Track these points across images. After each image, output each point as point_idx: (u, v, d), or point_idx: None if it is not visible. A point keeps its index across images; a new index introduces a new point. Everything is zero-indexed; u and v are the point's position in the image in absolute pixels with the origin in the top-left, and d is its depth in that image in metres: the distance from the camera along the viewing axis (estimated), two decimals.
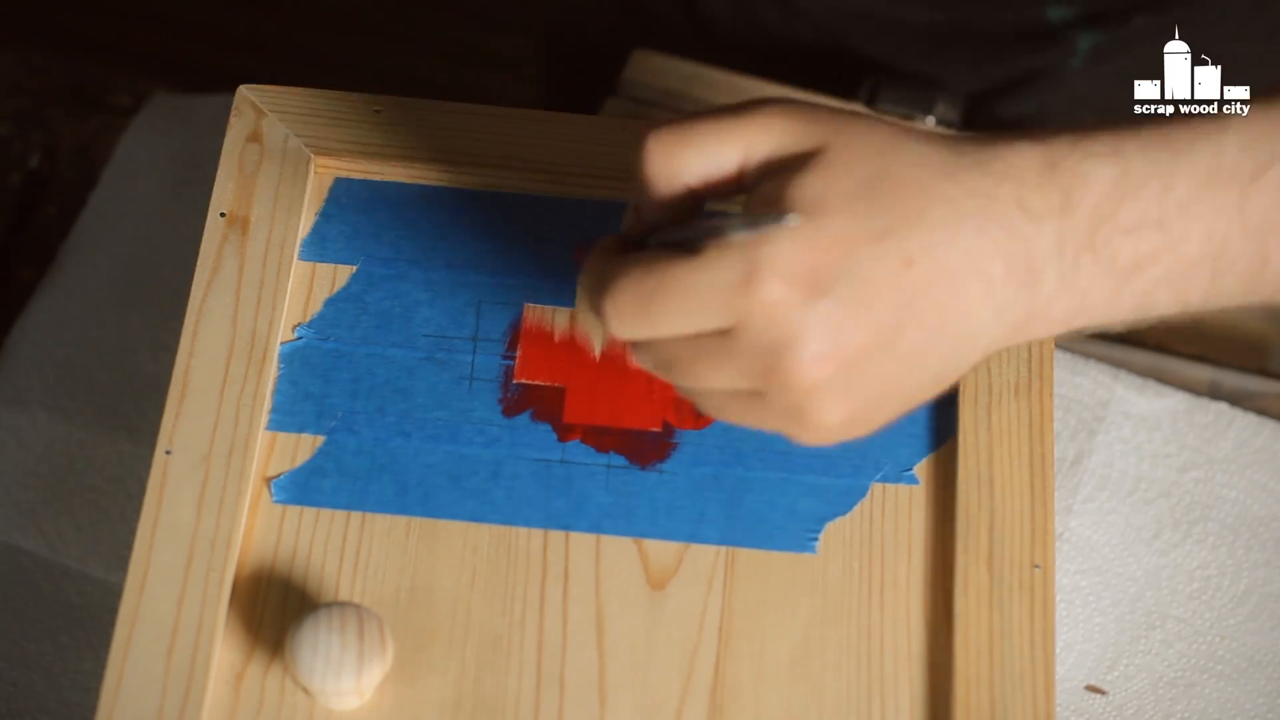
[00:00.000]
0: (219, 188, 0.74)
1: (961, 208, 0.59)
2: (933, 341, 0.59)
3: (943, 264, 0.58)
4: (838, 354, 0.58)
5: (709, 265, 0.58)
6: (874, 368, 0.59)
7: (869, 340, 0.58)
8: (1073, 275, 0.60)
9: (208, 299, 0.72)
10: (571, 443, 0.71)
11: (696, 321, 0.59)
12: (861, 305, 0.58)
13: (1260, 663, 0.84)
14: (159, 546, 0.67)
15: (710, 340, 0.59)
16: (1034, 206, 0.59)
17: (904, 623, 0.68)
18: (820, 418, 0.59)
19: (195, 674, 0.65)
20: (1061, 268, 0.59)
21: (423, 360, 0.72)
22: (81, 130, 1.01)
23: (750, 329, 0.58)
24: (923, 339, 0.59)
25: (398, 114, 0.76)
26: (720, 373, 0.60)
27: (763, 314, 0.58)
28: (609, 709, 0.66)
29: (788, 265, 0.58)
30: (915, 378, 0.60)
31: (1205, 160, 0.60)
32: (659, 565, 0.69)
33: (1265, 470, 0.88)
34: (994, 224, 0.59)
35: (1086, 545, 0.86)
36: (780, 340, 0.58)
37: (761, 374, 0.59)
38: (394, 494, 0.70)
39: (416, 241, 0.75)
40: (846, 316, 0.58)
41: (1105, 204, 0.59)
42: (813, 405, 0.59)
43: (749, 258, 0.58)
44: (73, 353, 0.91)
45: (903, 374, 0.60)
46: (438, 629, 0.67)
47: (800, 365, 0.58)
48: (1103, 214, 0.59)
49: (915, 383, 0.60)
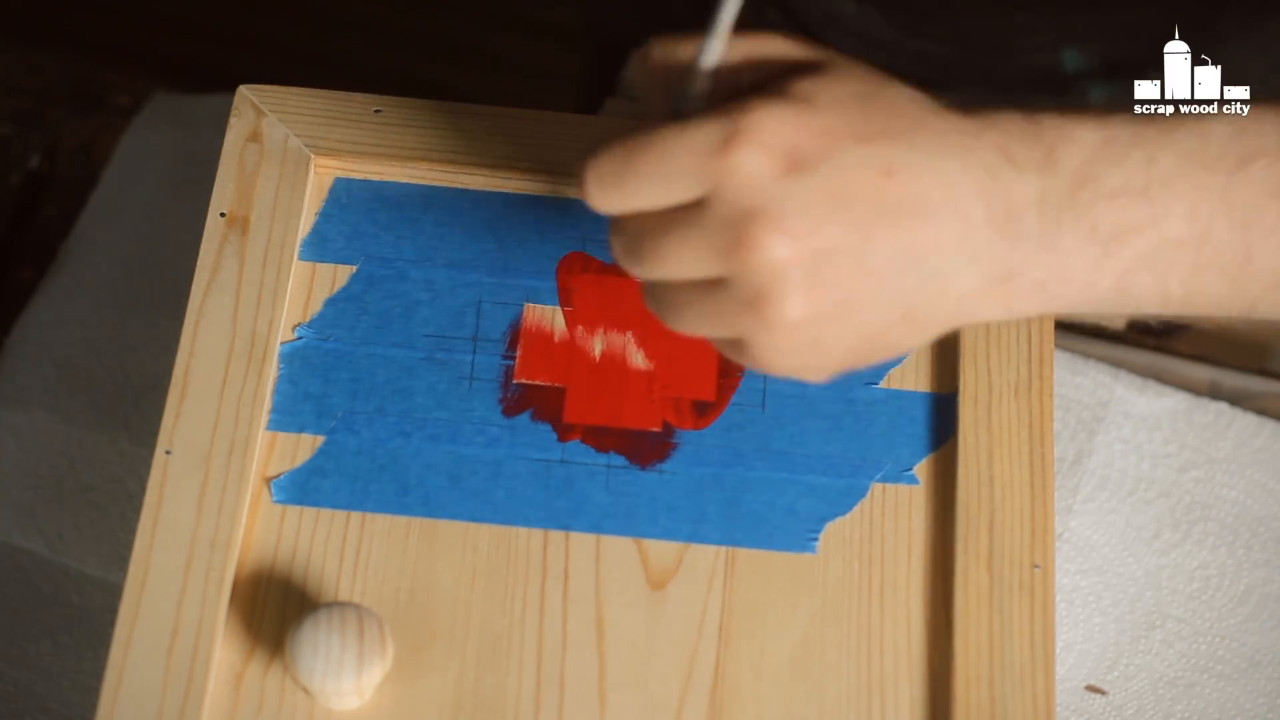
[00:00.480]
0: (219, 188, 0.74)
1: (946, 141, 0.58)
2: (903, 263, 0.58)
3: (923, 186, 0.58)
4: (806, 239, 0.57)
5: (689, 128, 0.57)
6: (841, 270, 0.57)
7: (839, 237, 0.57)
8: (1054, 233, 0.59)
9: (208, 299, 0.72)
10: (571, 443, 0.71)
11: (672, 187, 0.58)
12: (837, 198, 0.57)
13: (1260, 663, 0.84)
14: (159, 546, 0.67)
15: (681, 212, 0.58)
16: (1018, 156, 0.59)
17: (904, 623, 0.68)
18: (780, 309, 0.57)
19: (195, 674, 0.65)
20: (1043, 223, 0.59)
21: (423, 360, 0.72)
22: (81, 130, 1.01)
23: (723, 195, 0.57)
24: (893, 255, 0.58)
25: (398, 114, 0.76)
26: (687, 249, 0.58)
27: (737, 180, 0.57)
28: (609, 709, 0.66)
29: (770, 137, 0.57)
30: (881, 300, 0.59)
31: (1190, 142, 0.60)
32: (659, 565, 0.69)
33: (1265, 470, 0.88)
34: (977, 163, 0.58)
35: (1086, 545, 0.86)
36: (751, 209, 0.57)
37: (727, 248, 0.57)
38: (394, 494, 0.70)
39: (416, 241, 0.75)
40: (821, 203, 0.57)
41: (1089, 165, 0.59)
42: (774, 292, 0.57)
43: (731, 123, 0.57)
44: (73, 353, 0.91)
45: (869, 290, 0.58)
46: (438, 629, 0.67)
47: (767, 237, 0.56)
48: (1086, 175, 0.59)
49: (881, 307, 0.59)
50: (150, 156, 0.98)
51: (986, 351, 0.72)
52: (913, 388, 0.73)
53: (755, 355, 0.59)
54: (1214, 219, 0.60)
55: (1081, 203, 0.59)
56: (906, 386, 0.73)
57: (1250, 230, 0.60)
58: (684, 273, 0.59)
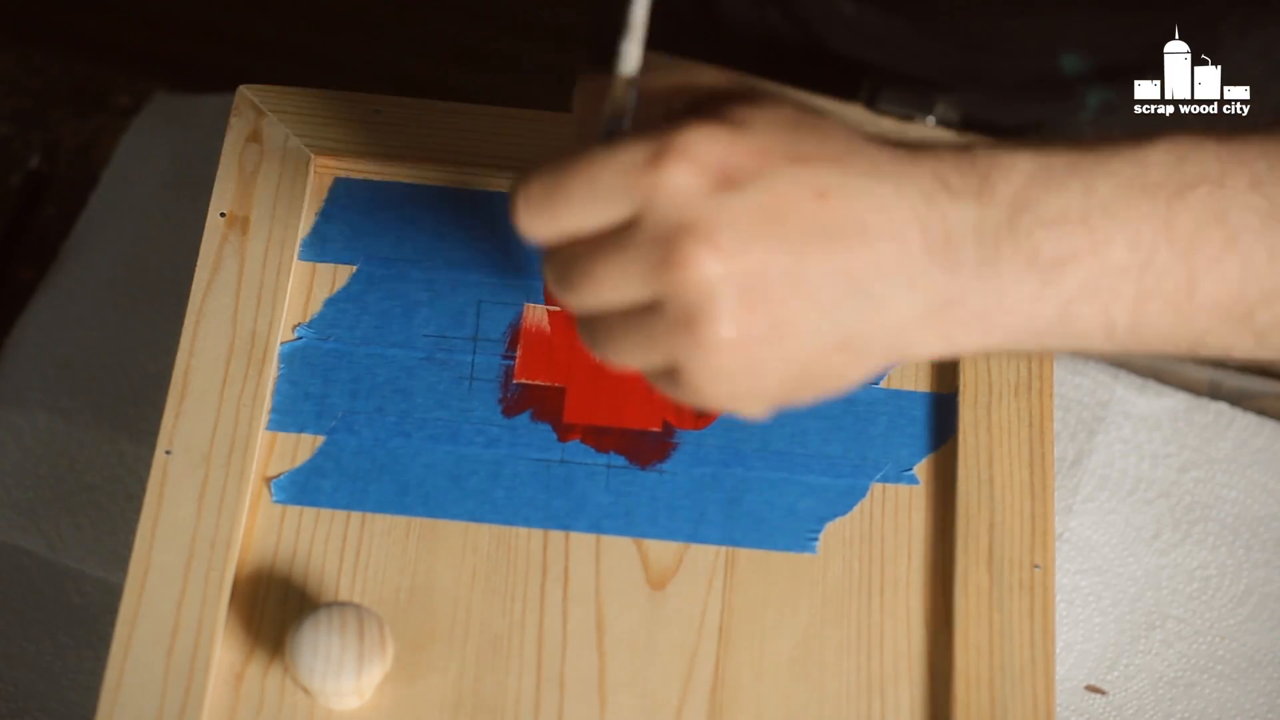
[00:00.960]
0: (219, 188, 0.74)
1: (880, 167, 0.57)
2: (838, 286, 0.57)
3: (858, 209, 0.57)
4: (738, 256, 0.55)
5: (618, 148, 0.56)
6: (773, 291, 0.56)
7: (772, 257, 0.56)
8: (993, 261, 0.58)
9: (208, 299, 0.72)
10: (571, 443, 0.71)
11: (602, 207, 0.56)
12: (770, 217, 0.56)
13: (1260, 663, 0.84)
14: (159, 546, 0.67)
15: (612, 234, 0.57)
16: (953, 183, 0.58)
17: (904, 623, 0.68)
18: (712, 329, 0.56)
19: (195, 674, 0.65)
20: (981, 251, 0.58)
21: (423, 360, 0.72)
22: (81, 130, 1.01)
23: (652, 212, 0.56)
24: (828, 278, 0.57)
25: (398, 114, 0.76)
26: (617, 269, 0.56)
27: (666, 196, 0.55)
28: (609, 709, 0.66)
29: (700, 154, 0.56)
30: (816, 325, 0.57)
31: (1128, 170, 0.59)
32: (659, 565, 0.69)
33: (1265, 470, 0.88)
34: (912, 189, 0.57)
35: (1086, 545, 0.86)
36: (680, 224, 0.55)
37: (657, 265, 0.56)
38: (394, 494, 0.70)
39: (416, 241, 0.75)
40: (753, 221, 0.56)
41: (1025, 192, 0.58)
42: (705, 310, 0.56)
43: (661, 141, 0.56)
44: (73, 353, 0.91)
45: (803, 313, 0.57)
46: (438, 629, 0.67)
47: (697, 252, 0.55)
48: (1023, 202, 0.58)
49: (816, 332, 0.57)
50: (150, 156, 0.98)
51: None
52: (913, 388, 0.73)
53: (688, 382, 0.58)
54: (1156, 246, 0.58)
55: (1020, 230, 0.58)
56: (906, 386, 0.73)
57: (1194, 258, 0.59)
58: (616, 297, 0.57)
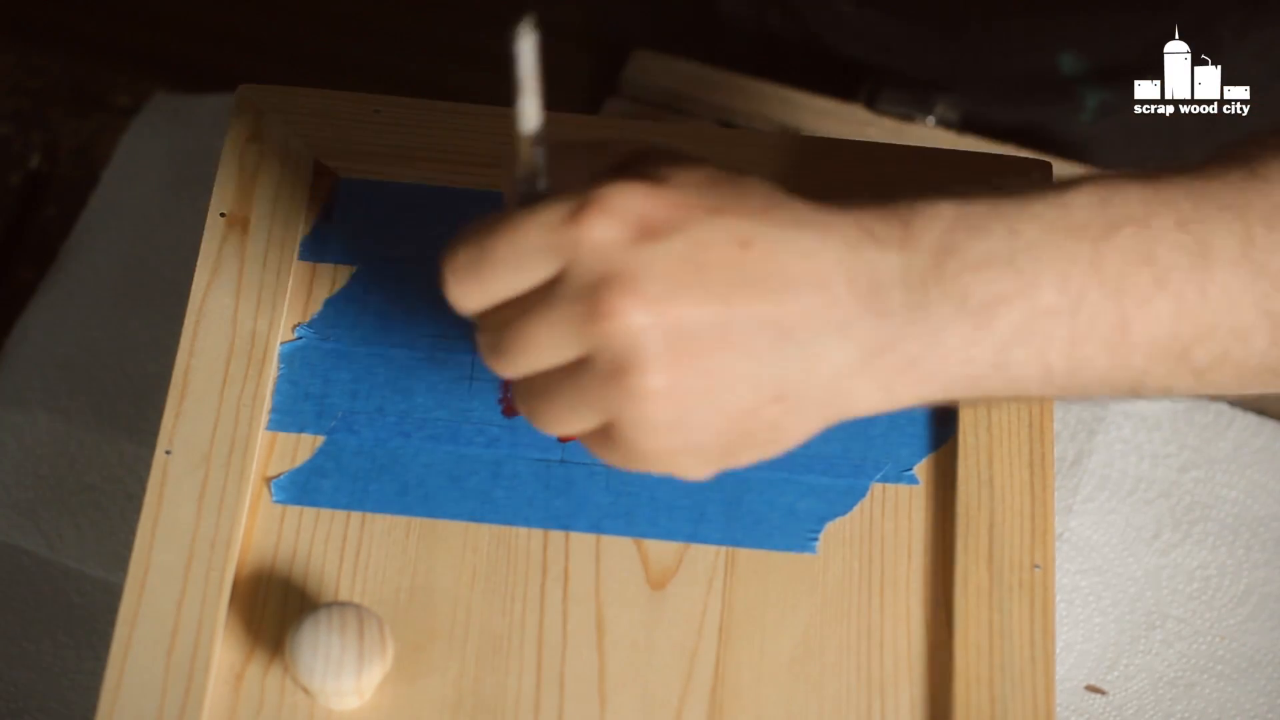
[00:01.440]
0: (219, 188, 0.74)
1: (802, 218, 0.57)
2: (767, 335, 0.57)
3: (782, 260, 0.56)
4: (663, 305, 0.55)
5: (539, 209, 0.57)
6: (702, 341, 0.56)
7: (697, 306, 0.56)
8: (922, 306, 0.57)
9: (208, 299, 0.72)
10: (572, 443, 0.71)
11: (526, 268, 0.57)
12: (693, 267, 0.56)
13: (1260, 663, 0.84)
14: (159, 546, 0.67)
15: (538, 293, 0.57)
16: (877, 232, 0.58)
17: (904, 623, 0.68)
18: (641, 379, 0.56)
19: (195, 674, 0.65)
20: (909, 296, 0.57)
21: (423, 360, 0.72)
22: (81, 130, 1.01)
23: (576, 266, 0.56)
24: (756, 327, 0.56)
25: (398, 114, 0.76)
26: (545, 327, 0.57)
27: (588, 249, 0.56)
28: (609, 709, 0.66)
29: (620, 207, 0.56)
30: (748, 375, 0.57)
31: (1051, 213, 0.58)
32: (659, 565, 0.69)
33: (1265, 470, 0.88)
34: (836, 239, 0.57)
35: (1086, 545, 0.86)
36: (603, 276, 0.55)
37: (583, 319, 0.56)
38: (394, 494, 0.70)
39: (416, 241, 0.75)
40: (676, 271, 0.56)
41: (949, 236, 0.58)
42: (633, 360, 0.56)
43: (581, 198, 0.56)
44: (73, 353, 0.91)
45: (734, 363, 0.57)
46: (438, 629, 0.67)
47: (621, 302, 0.55)
48: (947, 246, 0.57)
49: (749, 383, 0.57)
50: (150, 156, 0.98)
51: None
52: None
53: (623, 437, 0.58)
54: (1086, 288, 0.58)
55: (947, 275, 0.57)
56: None
57: (1124, 298, 0.58)
58: (546, 357, 0.57)
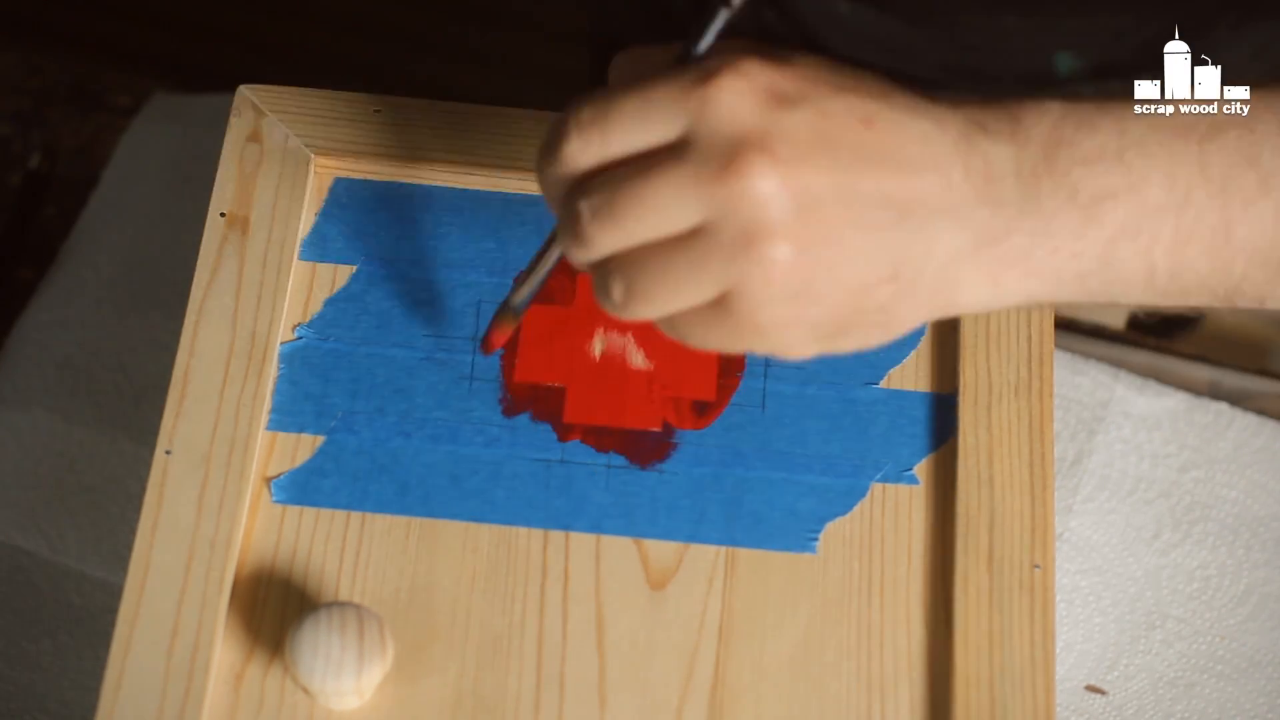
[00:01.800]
0: (219, 188, 0.74)
1: (918, 109, 0.58)
2: (889, 211, 0.57)
3: (902, 140, 0.57)
4: (795, 168, 0.56)
5: (669, 74, 0.57)
6: (828, 211, 0.56)
7: (825, 175, 0.56)
8: (1034, 197, 0.58)
9: (208, 299, 0.72)
10: (571, 443, 0.71)
11: (652, 125, 0.56)
12: (821, 137, 0.56)
13: (1260, 663, 0.84)
14: (159, 546, 0.67)
15: (662, 152, 0.56)
16: (988, 125, 0.58)
17: (904, 623, 0.68)
18: (770, 246, 0.55)
19: (195, 674, 0.65)
20: (1021, 188, 0.58)
21: (423, 360, 0.72)
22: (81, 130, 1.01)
23: (706, 126, 0.56)
24: (878, 202, 0.57)
25: (398, 114, 0.76)
26: (669, 189, 0.56)
27: (721, 110, 0.56)
28: (609, 709, 0.66)
29: (751, 72, 0.56)
30: (868, 249, 0.57)
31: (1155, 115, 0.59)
32: (659, 565, 0.69)
33: (1265, 470, 0.88)
34: (951, 128, 0.58)
35: (1086, 545, 0.86)
36: (737, 135, 0.55)
37: (713, 177, 0.55)
38: (394, 494, 0.70)
39: (416, 241, 0.75)
40: (807, 138, 0.56)
41: (1058, 131, 0.58)
42: (763, 227, 0.55)
43: (711, 65, 0.56)
44: (73, 353, 0.91)
45: (856, 236, 0.57)
46: (438, 629, 0.67)
47: (756, 161, 0.55)
48: (1057, 140, 0.58)
49: (868, 257, 0.57)
50: (150, 156, 0.98)
51: (986, 351, 0.72)
52: (912, 387, 0.73)
53: (742, 308, 0.57)
54: (1192, 186, 0.59)
55: (1058, 168, 0.58)
56: (906, 386, 0.73)
57: (1229, 199, 0.59)
58: (662, 220, 0.57)
